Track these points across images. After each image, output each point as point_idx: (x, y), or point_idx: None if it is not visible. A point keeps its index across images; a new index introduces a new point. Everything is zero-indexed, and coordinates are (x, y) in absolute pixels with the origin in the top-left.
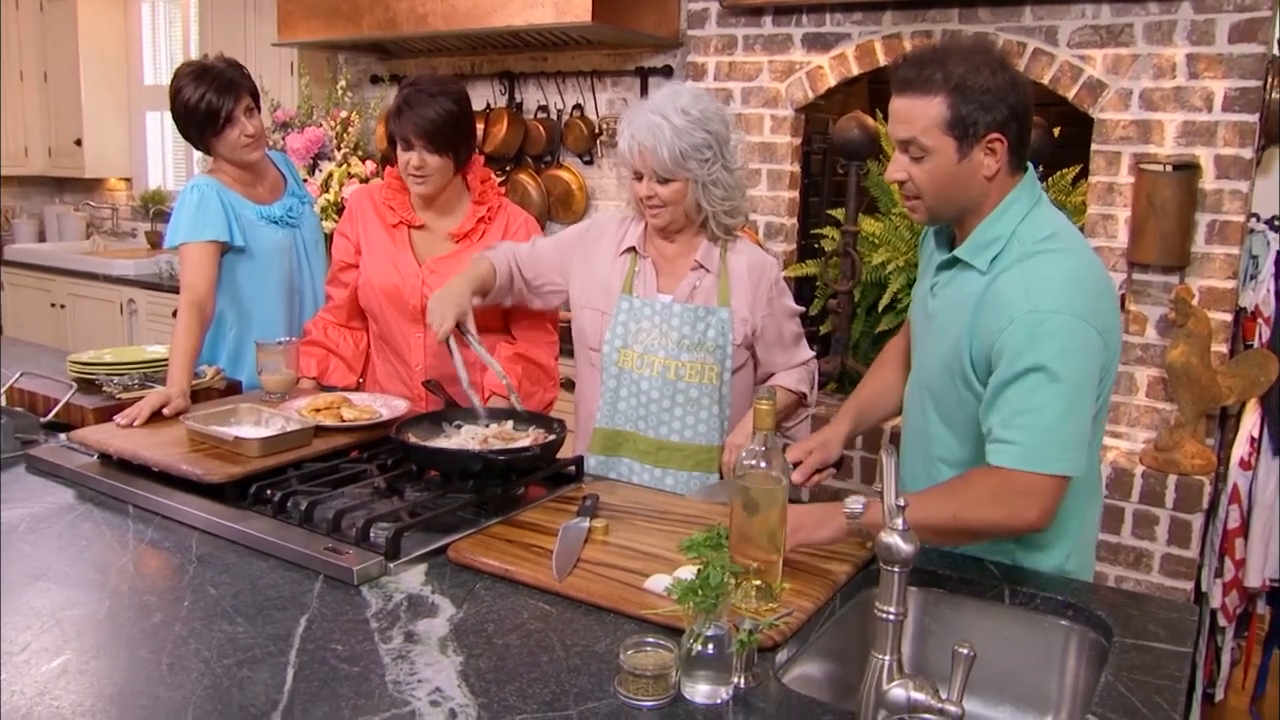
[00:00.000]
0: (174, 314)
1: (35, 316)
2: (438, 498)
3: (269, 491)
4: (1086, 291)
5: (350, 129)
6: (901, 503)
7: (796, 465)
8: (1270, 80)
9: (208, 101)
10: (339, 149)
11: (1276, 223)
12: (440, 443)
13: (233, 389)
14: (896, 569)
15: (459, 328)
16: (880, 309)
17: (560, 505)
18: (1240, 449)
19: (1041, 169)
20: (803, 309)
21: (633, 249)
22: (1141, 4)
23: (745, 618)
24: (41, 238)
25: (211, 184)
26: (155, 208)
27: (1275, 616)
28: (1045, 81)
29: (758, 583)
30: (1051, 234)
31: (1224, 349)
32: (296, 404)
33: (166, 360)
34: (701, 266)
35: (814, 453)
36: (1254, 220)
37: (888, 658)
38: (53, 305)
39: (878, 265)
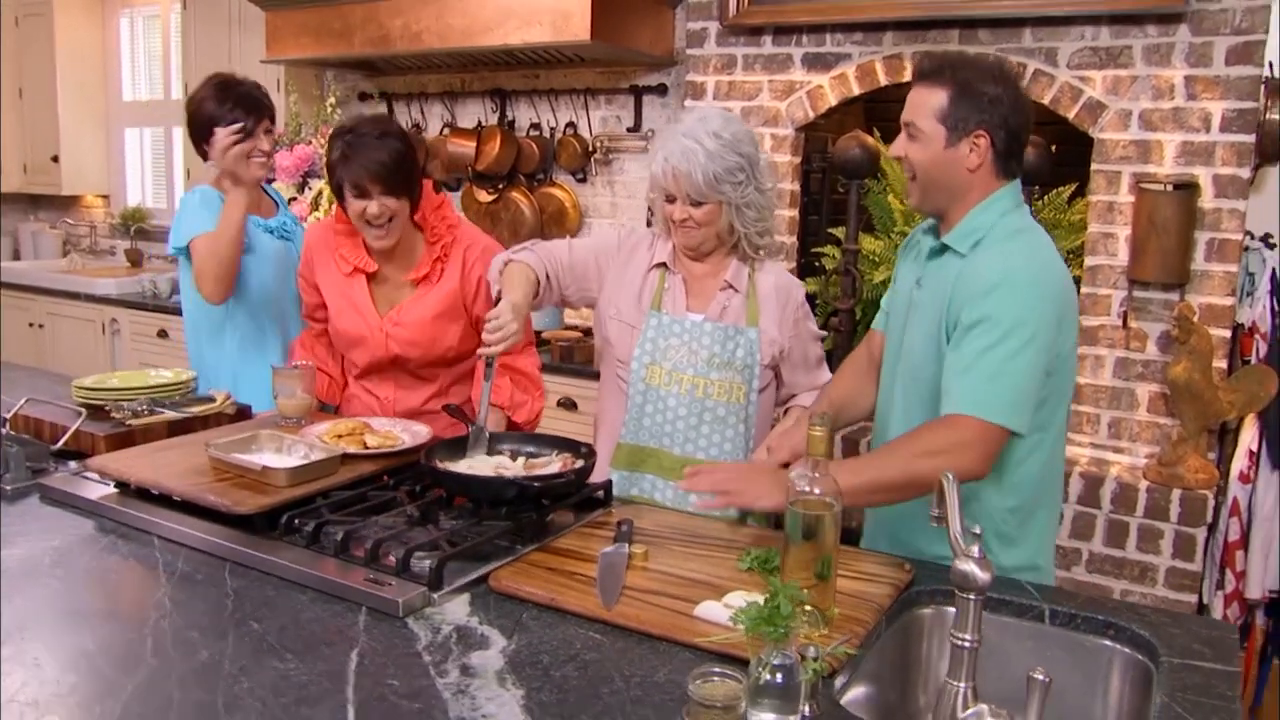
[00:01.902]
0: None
1: (14, 337)
2: (473, 525)
3: (299, 521)
4: (1052, 275)
5: None
6: (977, 530)
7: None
8: (1265, 101)
9: (234, 116)
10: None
11: (1271, 240)
12: (462, 467)
13: (242, 414)
14: (973, 596)
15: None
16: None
17: (593, 531)
18: (1239, 463)
19: (1038, 188)
20: (825, 332)
21: (663, 265)
22: (1140, 26)
23: (810, 645)
24: (16, 256)
25: (211, 191)
26: (135, 225)
27: (1274, 628)
28: (1046, 102)
29: (808, 608)
30: (1030, 227)
31: (1223, 365)
32: (316, 430)
33: (175, 384)
34: (730, 286)
35: (786, 439)
36: (1248, 238)
37: (963, 685)
38: (31, 325)
39: (879, 284)
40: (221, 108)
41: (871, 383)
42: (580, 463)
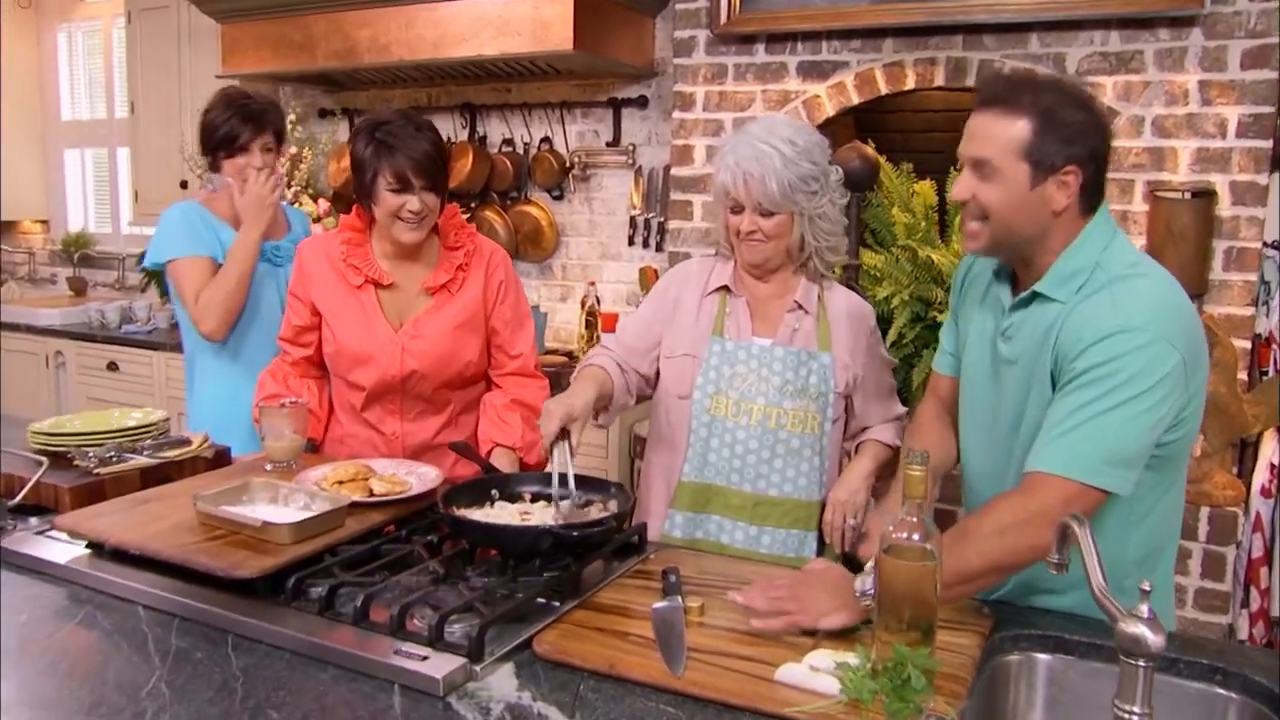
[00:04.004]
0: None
1: None
2: (507, 582)
3: (309, 584)
4: (1176, 317)
5: (301, 165)
6: (1147, 586)
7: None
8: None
9: (230, 125)
10: (290, 186)
11: None
12: (478, 515)
13: (220, 456)
14: (1143, 663)
15: (565, 434)
16: (888, 344)
17: (635, 581)
18: (1260, 477)
19: None
20: (895, 360)
21: (724, 288)
22: (1151, 30)
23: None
24: None
25: (195, 206)
26: (78, 251)
27: None
28: None
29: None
30: (1138, 260)
31: (1243, 377)
32: (313, 476)
33: (145, 426)
34: (800, 307)
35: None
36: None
37: None
38: None
39: (882, 300)
40: (223, 116)
41: (949, 429)
42: (617, 506)
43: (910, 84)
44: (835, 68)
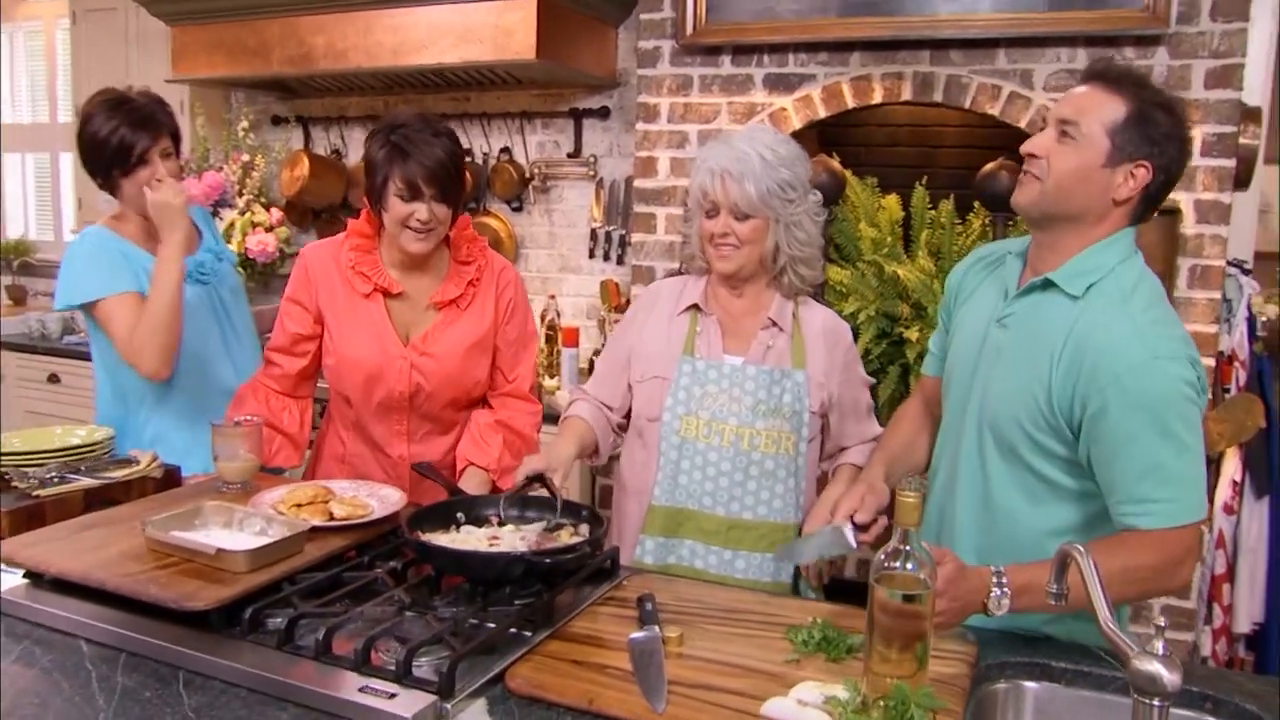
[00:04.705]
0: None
1: None
2: (477, 611)
3: (266, 615)
4: (1188, 343)
5: (253, 174)
6: (1161, 621)
7: (859, 525)
8: (1241, 126)
9: (120, 137)
10: (241, 195)
11: (1245, 266)
12: (444, 540)
13: (170, 476)
14: (1158, 703)
15: (543, 482)
16: None
17: (608, 609)
18: (1223, 494)
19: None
20: (872, 380)
21: (694, 306)
22: (1118, 49)
23: None
24: None
25: (107, 234)
26: (19, 259)
27: (1257, 660)
28: (1023, 125)
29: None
30: (1148, 277)
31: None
32: (269, 498)
33: (89, 445)
34: (775, 324)
35: (867, 498)
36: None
37: None
38: None
39: (849, 315)
40: (108, 126)
41: (926, 432)
42: (589, 530)
43: (878, 98)
44: (802, 80)
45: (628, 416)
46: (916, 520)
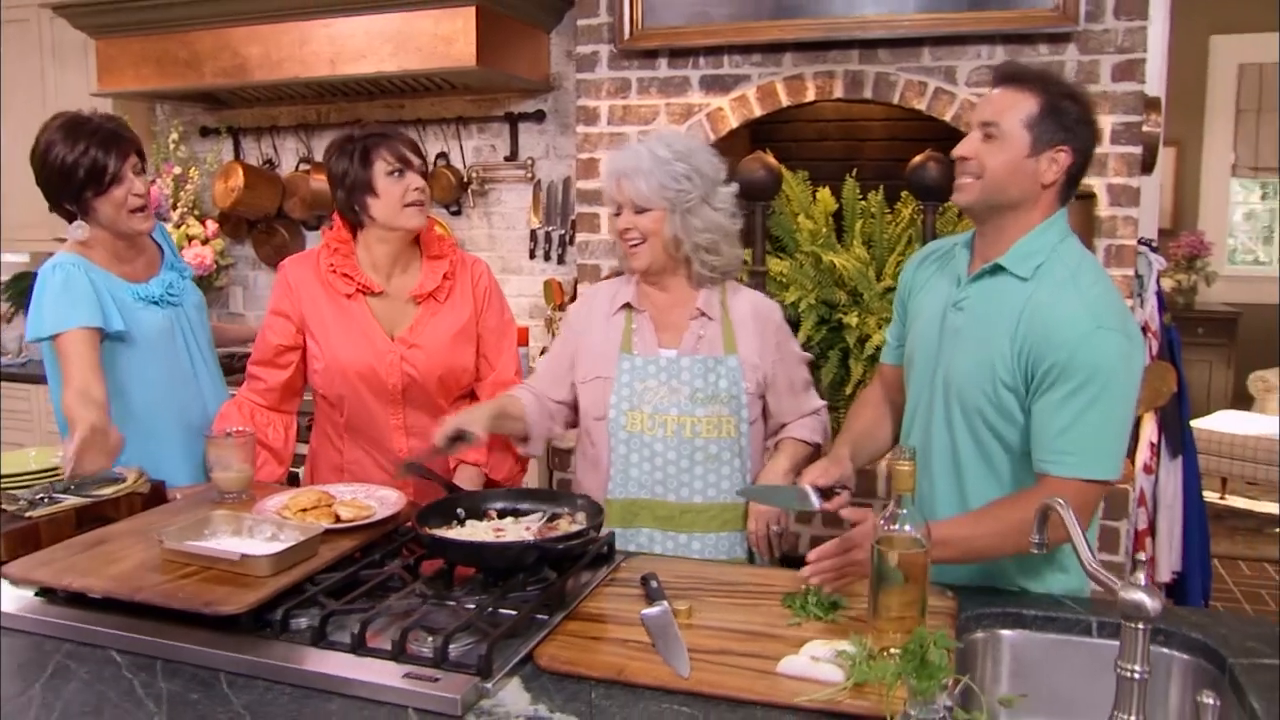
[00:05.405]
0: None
1: None
2: (497, 599)
3: (295, 614)
4: (1130, 317)
5: (187, 186)
6: (1143, 556)
7: (823, 492)
8: (1145, 115)
9: (92, 158)
10: (175, 209)
11: (1152, 244)
12: (453, 535)
13: (157, 491)
14: (1142, 626)
15: (463, 439)
16: None
17: (613, 590)
18: (1142, 455)
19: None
20: (810, 355)
21: (627, 305)
22: (1033, 45)
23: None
24: None
25: (78, 262)
26: None
27: (1177, 604)
28: (948, 119)
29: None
30: (1086, 255)
31: None
32: (270, 504)
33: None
34: (703, 314)
35: (830, 468)
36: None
37: (1134, 718)
38: None
39: (790, 304)
40: (76, 150)
41: (888, 416)
42: (586, 518)
43: (811, 96)
44: (737, 81)
45: (576, 411)
46: (911, 486)
